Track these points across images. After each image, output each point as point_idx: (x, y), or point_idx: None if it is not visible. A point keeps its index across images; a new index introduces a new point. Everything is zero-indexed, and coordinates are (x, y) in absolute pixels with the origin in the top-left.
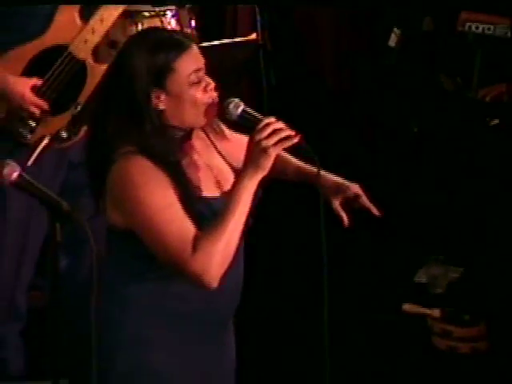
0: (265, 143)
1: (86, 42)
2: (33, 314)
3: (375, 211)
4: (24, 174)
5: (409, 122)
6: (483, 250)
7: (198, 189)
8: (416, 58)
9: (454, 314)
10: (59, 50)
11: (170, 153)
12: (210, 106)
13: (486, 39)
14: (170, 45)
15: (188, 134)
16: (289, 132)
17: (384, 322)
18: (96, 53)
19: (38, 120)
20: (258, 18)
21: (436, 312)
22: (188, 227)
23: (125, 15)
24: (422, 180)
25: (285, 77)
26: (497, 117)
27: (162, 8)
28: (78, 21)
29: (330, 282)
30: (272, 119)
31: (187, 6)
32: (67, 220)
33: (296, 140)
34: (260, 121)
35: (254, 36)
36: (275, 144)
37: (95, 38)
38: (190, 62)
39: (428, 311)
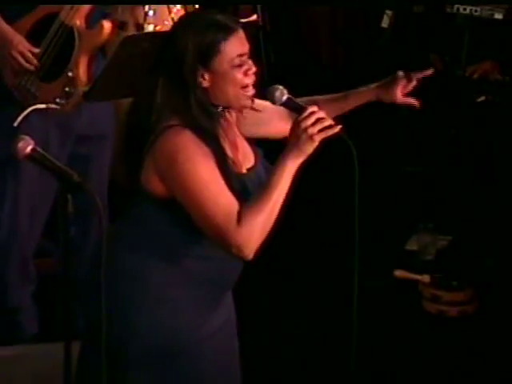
0: (311, 130)
1: (71, 8)
2: (45, 280)
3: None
4: (37, 148)
5: None
6: (470, 219)
7: (234, 165)
8: (407, 38)
9: (443, 280)
10: (52, 18)
11: (213, 129)
12: (249, 88)
13: (473, 20)
14: (217, 27)
15: (225, 112)
16: (330, 121)
17: (377, 287)
18: (88, 20)
19: (37, 85)
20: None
21: (426, 278)
22: (233, 200)
23: None
24: (413, 152)
25: (283, 55)
26: (483, 93)
27: None
28: None
29: (330, 251)
30: (315, 108)
31: None
32: (78, 190)
33: (337, 130)
34: (303, 108)
35: (254, 17)
36: (319, 132)
37: (80, 4)
38: (235, 46)
39: (418, 277)
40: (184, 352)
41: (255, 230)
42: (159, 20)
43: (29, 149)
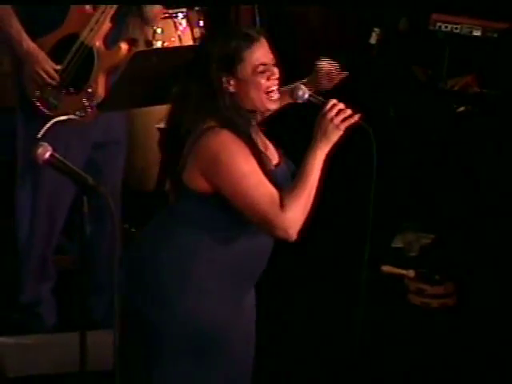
0: (336, 120)
1: (91, 30)
2: (63, 275)
3: None
4: (56, 154)
5: (387, 107)
6: (451, 219)
7: (267, 160)
8: (393, 52)
9: (426, 275)
10: (73, 38)
11: (247, 128)
12: (273, 92)
13: (453, 37)
14: (241, 37)
15: (253, 115)
16: (350, 111)
17: (366, 282)
18: (106, 41)
19: (58, 99)
20: (257, 17)
21: (411, 272)
22: (273, 189)
23: (141, 16)
24: (398, 156)
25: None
26: (463, 104)
27: (175, 10)
28: (91, 10)
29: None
30: (335, 101)
31: (196, 7)
32: (93, 193)
33: (357, 118)
34: (324, 102)
35: None
36: (343, 121)
37: (99, 27)
38: (259, 55)
39: (404, 272)
40: (216, 341)
41: (297, 213)
42: (166, 37)
43: (47, 154)
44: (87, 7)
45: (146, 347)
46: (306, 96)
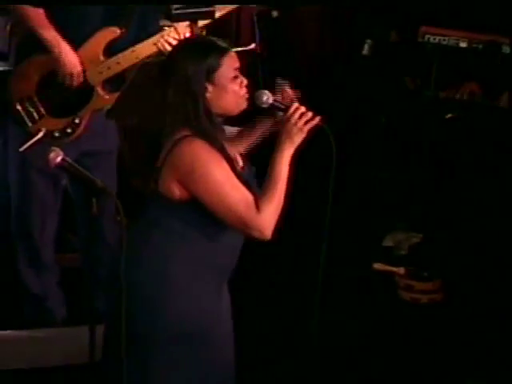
0: (300, 123)
1: (100, 73)
2: (72, 272)
3: None
4: (66, 158)
5: (378, 114)
6: (438, 219)
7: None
8: (385, 63)
9: (415, 272)
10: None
11: (218, 135)
12: (243, 98)
13: (441, 48)
14: (217, 47)
15: (222, 120)
16: (311, 114)
17: (359, 278)
18: (104, 85)
19: (41, 115)
20: (257, 31)
21: (401, 270)
22: (247, 193)
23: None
24: (389, 161)
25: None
26: (450, 111)
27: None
28: (101, 56)
29: (315, 246)
30: (296, 104)
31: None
32: (101, 195)
33: (318, 120)
34: (288, 107)
35: (253, 46)
36: (305, 123)
37: (109, 73)
38: (232, 60)
39: (394, 269)
40: (199, 336)
41: (271, 214)
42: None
43: (59, 159)
44: (102, 57)
45: (137, 342)
46: (270, 101)
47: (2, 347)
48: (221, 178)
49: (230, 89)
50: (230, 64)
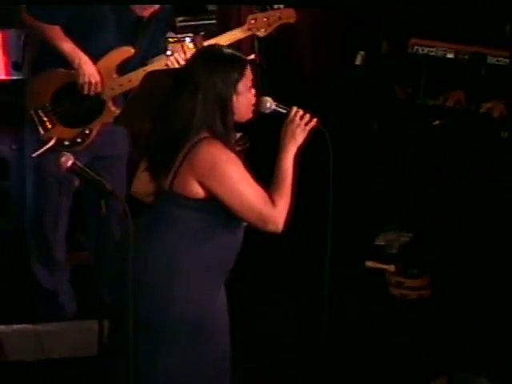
0: (302, 124)
1: (112, 89)
2: (82, 269)
3: None
4: (77, 162)
5: (370, 121)
6: (427, 220)
7: None
8: (376, 73)
9: (405, 269)
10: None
11: (233, 137)
12: (253, 106)
13: (429, 59)
14: (240, 58)
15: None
16: (309, 115)
17: (352, 275)
18: (115, 100)
19: (54, 124)
20: (256, 42)
21: (391, 267)
22: (262, 190)
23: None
24: (379, 165)
25: (276, 85)
26: (437, 118)
27: (183, 35)
28: (114, 73)
29: (311, 247)
30: (295, 108)
31: (201, 33)
32: (109, 197)
33: (316, 121)
34: (289, 111)
35: (253, 56)
36: (306, 124)
37: (120, 90)
38: (250, 71)
39: (385, 267)
40: (202, 327)
41: (284, 207)
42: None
43: (69, 163)
44: (115, 75)
45: (149, 333)
46: (273, 107)
47: (15, 340)
48: (239, 177)
49: (247, 97)
50: (248, 75)
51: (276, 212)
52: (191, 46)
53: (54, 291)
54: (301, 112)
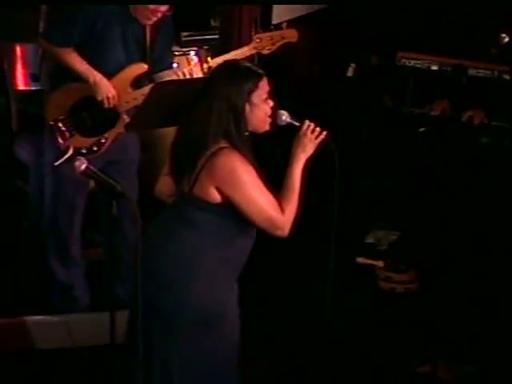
0: (312, 137)
1: (127, 103)
2: (96, 265)
3: None
4: (90, 166)
5: (361, 129)
6: (414, 219)
7: None
8: (366, 83)
9: (393, 265)
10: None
11: (249, 148)
12: (270, 117)
13: (415, 70)
14: (254, 72)
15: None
16: (319, 129)
17: (344, 271)
18: (129, 112)
19: (71, 134)
20: (256, 57)
21: (380, 263)
22: (272, 197)
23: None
24: (371, 168)
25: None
26: (423, 126)
27: (188, 49)
28: (129, 88)
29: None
30: (307, 122)
31: (205, 47)
32: (120, 198)
33: (325, 134)
34: (302, 124)
35: None
36: (316, 137)
37: (134, 103)
38: (265, 84)
39: (375, 262)
40: (219, 319)
41: (292, 214)
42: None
43: (83, 167)
44: (130, 89)
45: (162, 325)
46: (288, 120)
47: (33, 330)
48: (253, 186)
49: (263, 108)
50: (263, 87)
51: (284, 218)
52: (195, 58)
53: (70, 285)
54: (312, 126)
